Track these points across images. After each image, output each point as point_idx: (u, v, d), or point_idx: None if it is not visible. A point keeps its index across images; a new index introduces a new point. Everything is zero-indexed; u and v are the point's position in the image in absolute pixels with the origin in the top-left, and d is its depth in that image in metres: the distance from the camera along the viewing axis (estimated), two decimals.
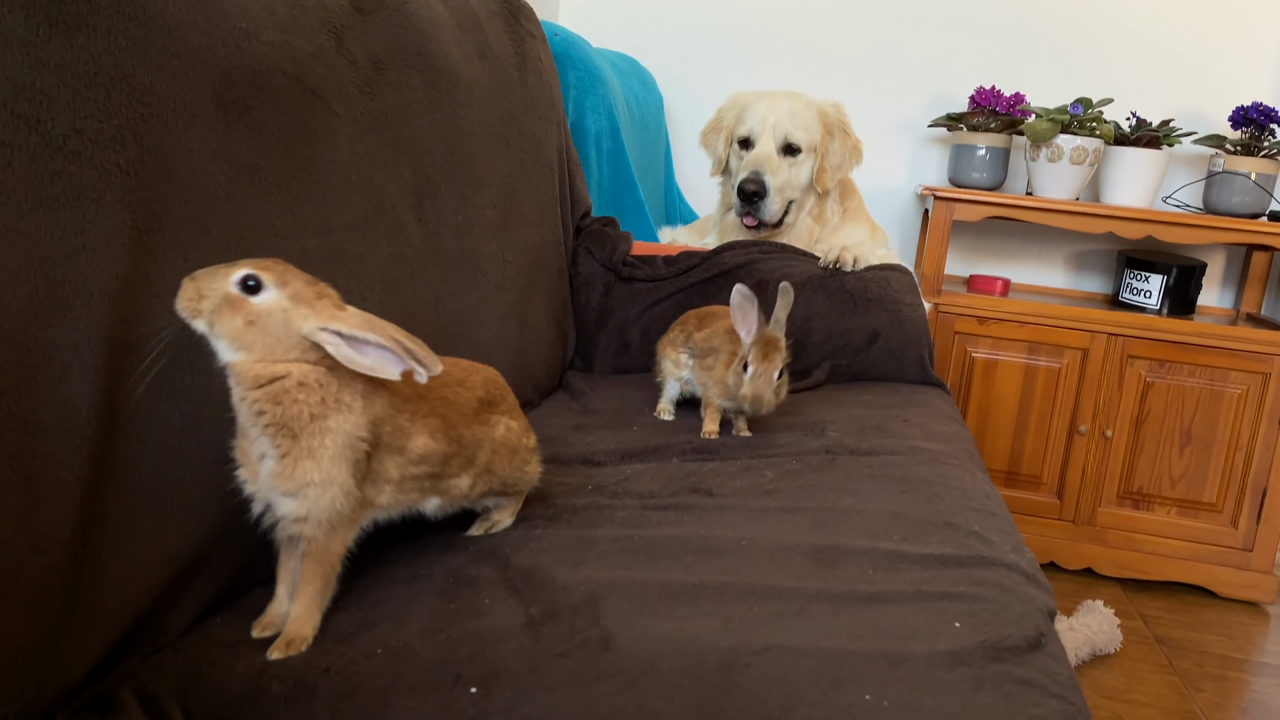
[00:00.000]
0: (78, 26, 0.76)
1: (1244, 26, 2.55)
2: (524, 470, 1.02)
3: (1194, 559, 2.34)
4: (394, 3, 1.28)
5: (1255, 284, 2.57)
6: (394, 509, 0.89)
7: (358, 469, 0.80)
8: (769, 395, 1.24)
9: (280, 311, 0.76)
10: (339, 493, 0.79)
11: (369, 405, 0.81)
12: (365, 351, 0.77)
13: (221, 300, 0.75)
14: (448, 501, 0.94)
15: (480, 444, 0.94)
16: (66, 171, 0.74)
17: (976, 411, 2.40)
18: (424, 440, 0.87)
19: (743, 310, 1.26)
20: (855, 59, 2.76)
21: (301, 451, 0.77)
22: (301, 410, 0.77)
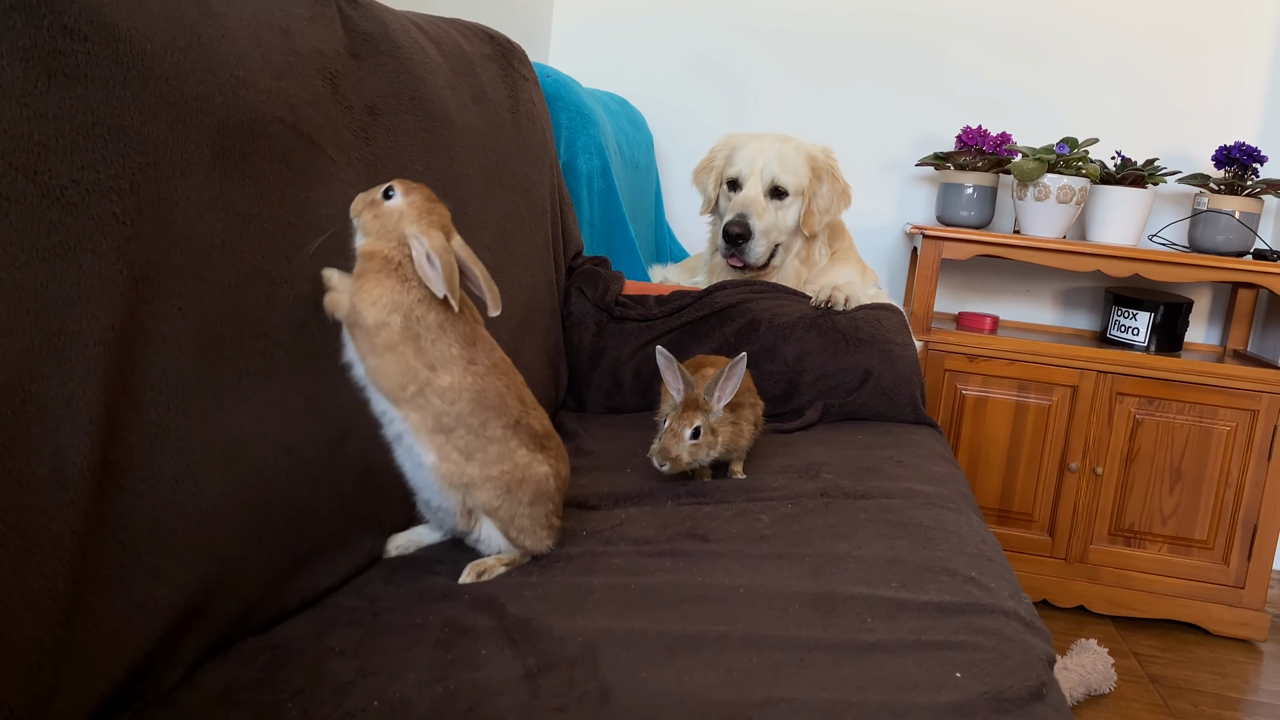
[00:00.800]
0: (76, 77, 0.76)
1: (1225, 67, 2.59)
2: (536, 530, 1.03)
3: (1186, 596, 2.33)
4: (389, 48, 1.29)
5: (1241, 321, 2.59)
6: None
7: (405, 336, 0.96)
8: (675, 451, 1.25)
9: (396, 212, 0.98)
10: (366, 330, 0.96)
11: (424, 300, 0.97)
12: (433, 266, 0.96)
13: (367, 202, 1.00)
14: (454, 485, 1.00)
15: (512, 454, 1.01)
16: (63, 222, 0.74)
17: (967, 449, 2.40)
18: (450, 379, 0.97)
19: (667, 373, 1.29)
20: (843, 98, 2.79)
21: (357, 289, 0.96)
22: (377, 262, 0.97)
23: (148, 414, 0.81)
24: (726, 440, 1.30)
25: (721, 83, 2.84)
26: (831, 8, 2.76)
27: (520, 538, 1.03)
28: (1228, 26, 2.58)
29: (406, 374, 0.96)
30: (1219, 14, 2.57)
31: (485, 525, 1.03)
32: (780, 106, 2.82)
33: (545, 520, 1.05)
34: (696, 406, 1.27)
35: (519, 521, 1.02)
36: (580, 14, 2.89)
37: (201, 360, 0.87)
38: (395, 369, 0.96)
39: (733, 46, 2.82)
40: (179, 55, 0.87)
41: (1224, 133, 2.60)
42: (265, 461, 0.93)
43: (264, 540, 0.92)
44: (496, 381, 1.03)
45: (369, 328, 0.95)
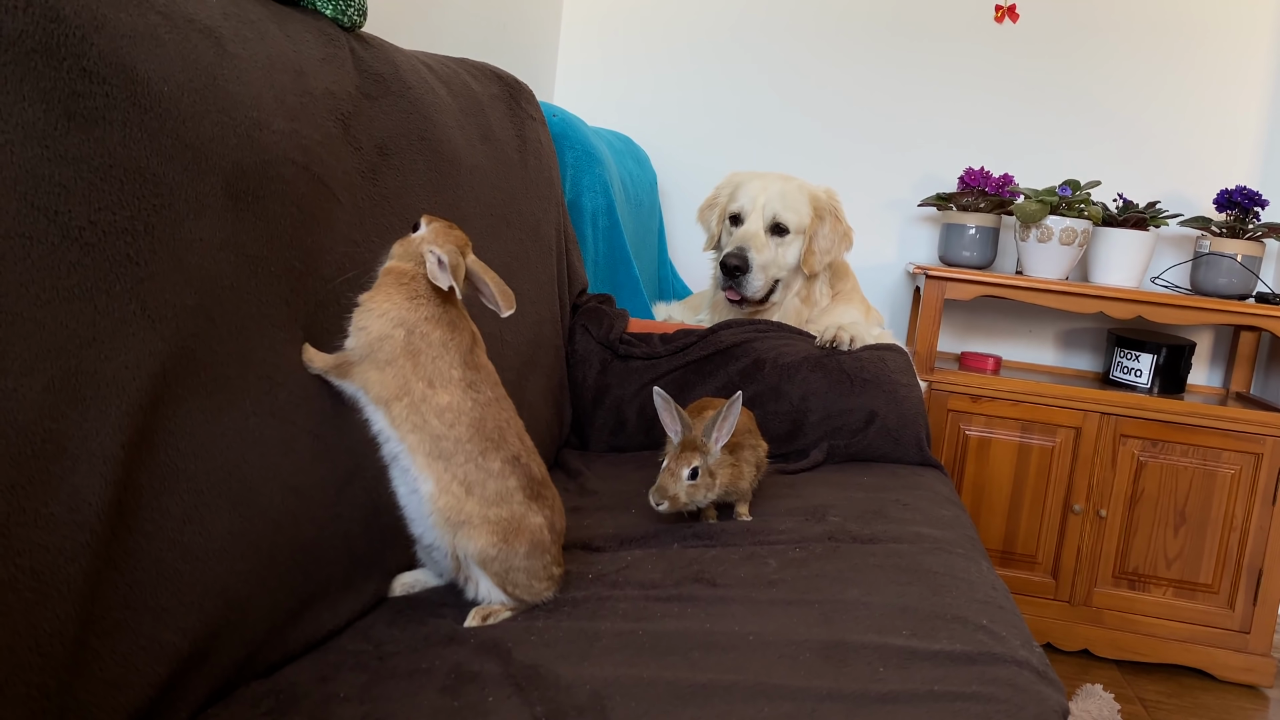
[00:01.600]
0: (95, 120, 0.77)
1: (1225, 110, 2.61)
2: (533, 584, 1.02)
3: (1191, 641, 2.32)
4: (399, 88, 1.30)
5: (1244, 363, 2.59)
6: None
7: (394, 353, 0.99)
8: (673, 490, 1.24)
9: (419, 238, 1.03)
10: (368, 341, 0.99)
11: (430, 320, 1.00)
12: (443, 267, 1.00)
13: (403, 239, 1.05)
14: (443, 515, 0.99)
15: (510, 496, 1.01)
16: (81, 263, 0.74)
17: (971, 489, 2.39)
18: (449, 399, 0.99)
19: (664, 413, 1.29)
20: (846, 138, 2.81)
21: (365, 300, 1.01)
22: (391, 277, 1.01)
23: (159, 454, 0.81)
24: (725, 482, 1.30)
25: (725, 122, 2.86)
26: (834, 50, 2.79)
27: (517, 592, 1.02)
28: (1227, 71, 2.60)
29: (401, 386, 0.98)
30: (1216, 60, 2.60)
31: (483, 584, 1.02)
32: (783, 146, 2.84)
33: (543, 571, 1.04)
34: (694, 447, 1.26)
35: (514, 576, 1.01)
36: (585, 54, 2.92)
37: (210, 401, 0.87)
38: (391, 381, 0.98)
39: (736, 87, 2.85)
40: (195, 97, 0.88)
41: (1224, 176, 2.61)
42: (272, 502, 0.93)
43: (269, 582, 0.91)
44: (499, 413, 1.03)
45: (373, 339, 0.98)
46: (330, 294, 1.08)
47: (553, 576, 1.05)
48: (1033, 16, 2.68)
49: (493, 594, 1.02)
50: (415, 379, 0.98)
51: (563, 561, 1.08)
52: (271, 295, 0.98)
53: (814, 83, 2.81)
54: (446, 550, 1.01)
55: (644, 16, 2.88)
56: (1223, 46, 2.60)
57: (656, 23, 2.87)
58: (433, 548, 1.04)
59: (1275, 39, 2.57)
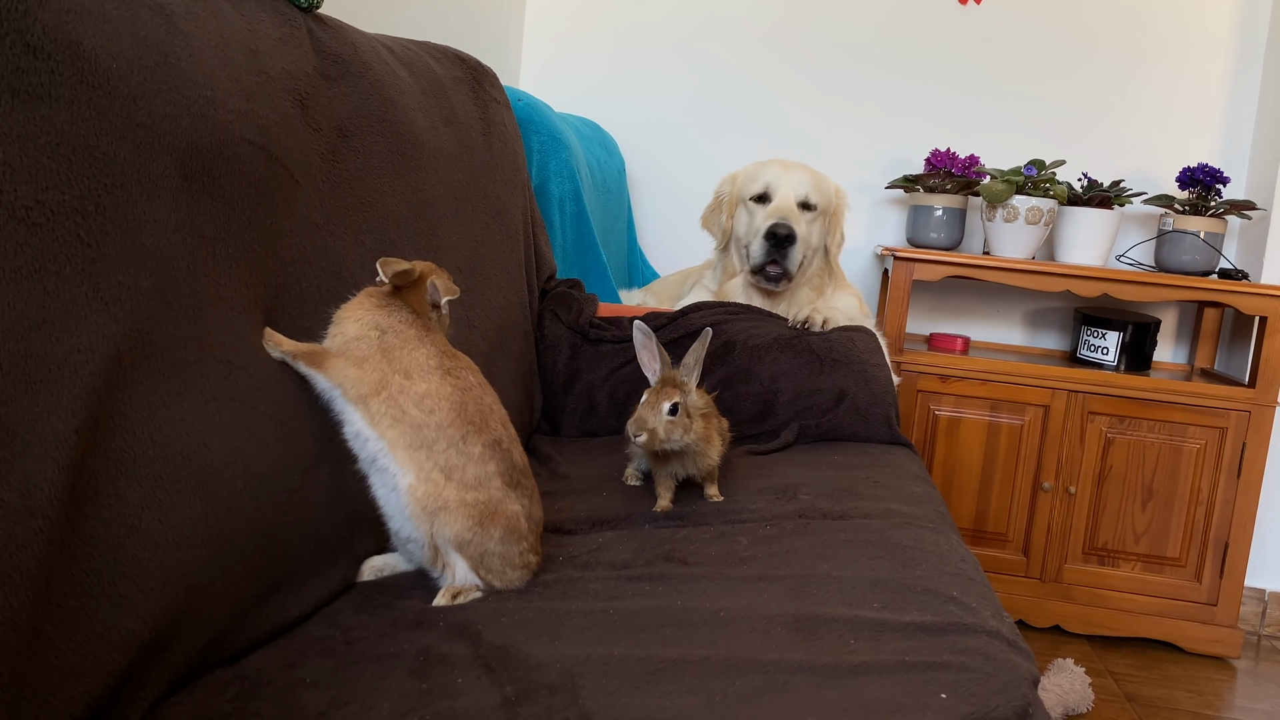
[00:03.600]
0: (40, 96, 0.75)
1: (1186, 89, 2.63)
2: (506, 571, 1.02)
3: (1160, 614, 2.34)
4: (359, 70, 1.28)
5: (1208, 339, 2.62)
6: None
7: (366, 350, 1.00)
8: (652, 422, 1.22)
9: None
10: (344, 341, 1.01)
11: (409, 321, 1.03)
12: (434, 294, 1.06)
13: None
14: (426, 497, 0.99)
15: (488, 481, 1.01)
16: (29, 243, 0.73)
17: (941, 469, 2.40)
18: (427, 386, 1.00)
19: (644, 351, 1.28)
20: (814, 121, 2.81)
21: (345, 310, 1.04)
22: (369, 291, 1.05)
23: (114, 439, 0.79)
24: (699, 433, 1.28)
25: (693, 107, 2.85)
26: (799, 34, 2.78)
27: (490, 577, 1.02)
28: (1186, 50, 2.62)
29: (379, 381, 0.99)
30: (1178, 38, 2.62)
31: (459, 568, 1.01)
32: (750, 130, 2.83)
33: (519, 559, 1.03)
34: (674, 385, 1.26)
35: (488, 560, 1.01)
36: (551, 38, 2.90)
37: (167, 385, 0.86)
38: (369, 376, 0.99)
39: (704, 72, 2.84)
40: (145, 74, 0.86)
41: (1186, 155, 2.64)
42: (234, 488, 0.91)
43: (232, 568, 0.90)
44: (482, 397, 1.04)
45: (349, 339, 1.00)
46: (290, 276, 1.07)
47: (528, 565, 1.05)
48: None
49: (469, 578, 1.01)
50: (392, 372, 0.99)
51: (539, 550, 1.07)
52: (230, 278, 0.96)
53: (781, 66, 2.80)
54: (423, 541, 1.01)
55: (610, 3, 2.86)
56: (1183, 26, 2.61)
57: (623, 8, 2.86)
58: (410, 540, 1.04)
59: (1234, 18, 2.59)
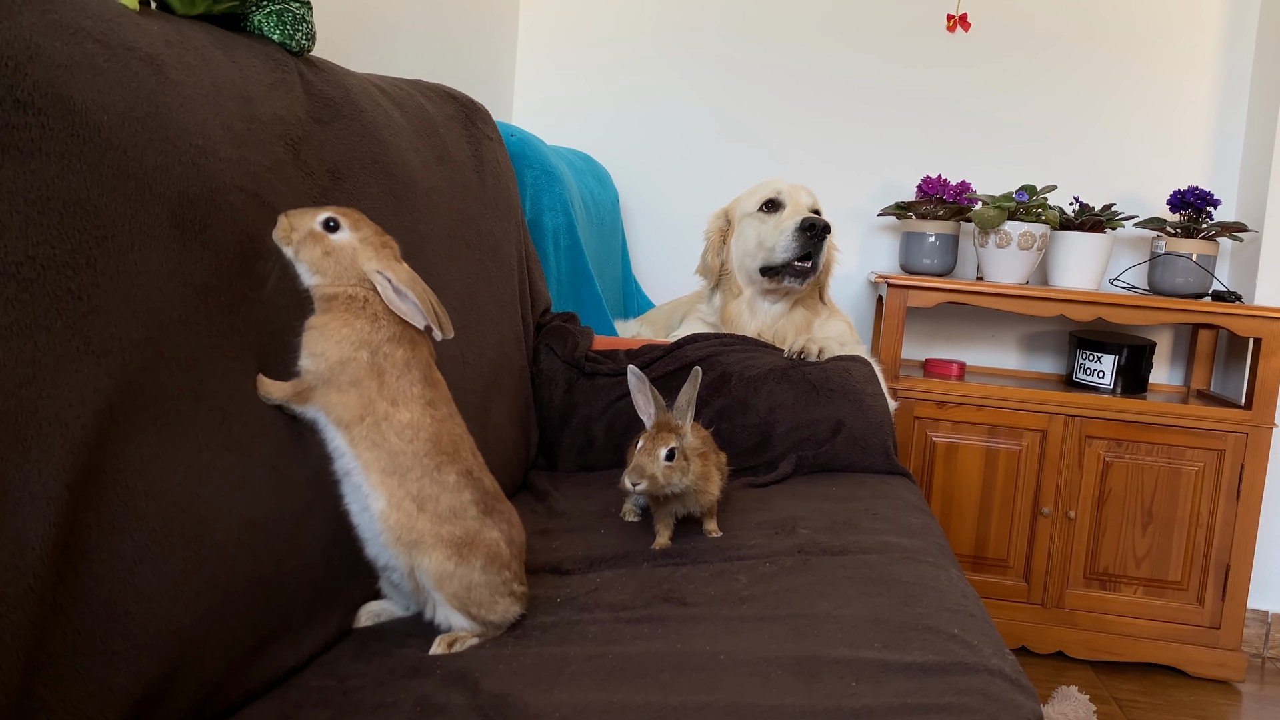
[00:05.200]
0: (30, 152, 0.75)
1: (1175, 112, 2.65)
2: (496, 601, 1.00)
3: (1163, 639, 2.33)
4: (351, 112, 1.29)
5: (1203, 361, 2.62)
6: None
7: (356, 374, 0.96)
8: (651, 469, 1.22)
9: (350, 249, 0.97)
10: (329, 366, 0.96)
11: (392, 339, 0.98)
12: (405, 299, 0.98)
13: (307, 234, 0.97)
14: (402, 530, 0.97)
15: (464, 511, 0.99)
16: (19, 299, 0.72)
17: (940, 496, 2.40)
18: (410, 415, 0.97)
19: (638, 395, 1.28)
20: (805, 150, 2.82)
21: (320, 325, 0.96)
22: (343, 301, 0.97)
23: (108, 493, 0.78)
24: (698, 473, 1.28)
25: (686, 138, 2.87)
26: (789, 62, 2.80)
27: (481, 612, 1.00)
28: (1175, 73, 2.64)
29: (366, 407, 0.96)
30: (1166, 61, 2.64)
31: (441, 608, 1.00)
32: (743, 159, 2.84)
33: (504, 587, 1.01)
34: (670, 429, 1.25)
35: (475, 594, 0.99)
36: (543, 73, 2.91)
37: (160, 436, 0.85)
38: (355, 402, 0.96)
39: (696, 103, 2.85)
40: (136, 126, 0.86)
41: (1176, 177, 2.65)
42: (229, 537, 0.90)
43: (227, 620, 0.89)
44: (454, 428, 1.02)
45: (334, 364, 0.96)
46: (285, 322, 1.06)
47: (514, 593, 1.03)
48: (984, 25, 2.70)
49: (453, 618, 1.00)
50: (380, 399, 0.96)
51: (525, 579, 1.06)
52: (222, 325, 0.95)
53: (771, 95, 2.81)
54: (403, 570, 1.00)
55: (601, 35, 2.88)
56: (1171, 50, 2.64)
57: (614, 41, 2.87)
58: (389, 569, 1.02)
59: (1221, 41, 2.61)
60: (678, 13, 2.84)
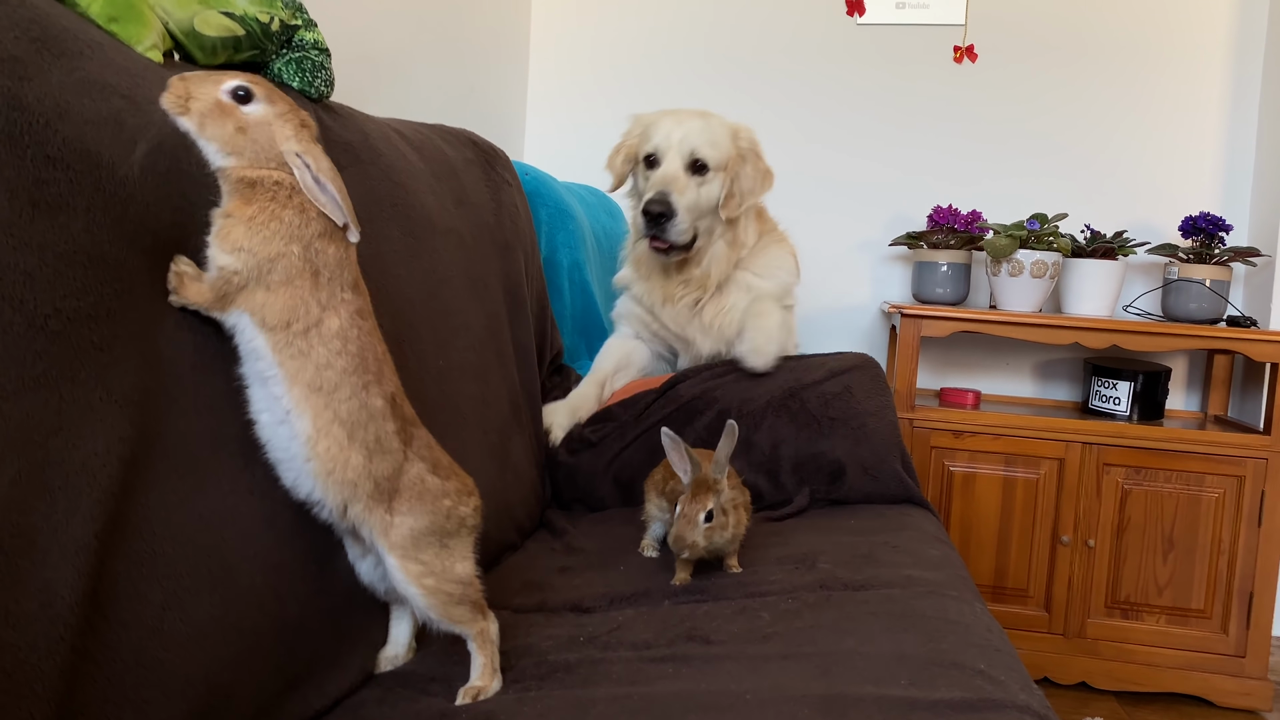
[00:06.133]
0: (59, 206, 0.76)
1: (1185, 137, 2.66)
2: (446, 548, 0.93)
3: (1188, 668, 2.30)
4: (369, 156, 1.30)
5: (1219, 386, 2.61)
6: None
7: (287, 274, 0.85)
8: (691, 537, 1.22)
9: (266, 125, 0.84)
10: (257, 263, 0.83)
11: (323, 235, 0.87)
12: (324, 190, 0.86)
13: (213, 105, 0.83)
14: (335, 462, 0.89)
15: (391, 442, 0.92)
16: (48, 351, 0.73)
17: (959, 525, 2.38)
18: (339, 322, 0.88)
19: (673, 454, 1.26)
20: (814, 182, 2.83)
21: (243, 217, 0.84)
22: (267, 189, 0.84)
23: (135, 540, 0.79)
24: (734, 523, 1.28)
25: None
26: (798, 96, 2.82)
27: (440, 565, 0.93)
28: (1184, 99, 2.65)
29: (298, 308, 0.85)
30: (1174, 88, 2.65)
31: (395, 574, 0.92)
32: None
33: (452, 521, 0.93)
34: (707, 488, 1.24)
35: (423, 544, 0.91)
36: (554, 111, 2.94)
37: (184, 482, 0.86)
38: (286, 303, 0.85)
39: None
40: (158, 180, 0.87)
41: (1187, 203, 2.65)
42: (254, 581, 0.91)
43: (254, 665, 0.89)
44: (378, 346, 0.92)
45: (262, 260, 0.84)
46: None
47: (463, 520, 0.95)
48: (991, 56, 2.72)
49: (409, 590, 0.93)
50: (312, 300, 0.86)
51: (465, 493, 0.97)
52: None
53: (779, 128, 2.83)
54: (333, 509, 0.92)
55: (610, 71, 2.91)
56: (1179, 75, 2.65)
57: (622, 76, 2.90)
58: (316, 504, 0.93)
59: (1228, 67, 2.62)
60: (685, 48, 2.87)
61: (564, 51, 2.93)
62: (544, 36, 2.94)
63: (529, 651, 1.06)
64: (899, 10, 2.76)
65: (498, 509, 1.46)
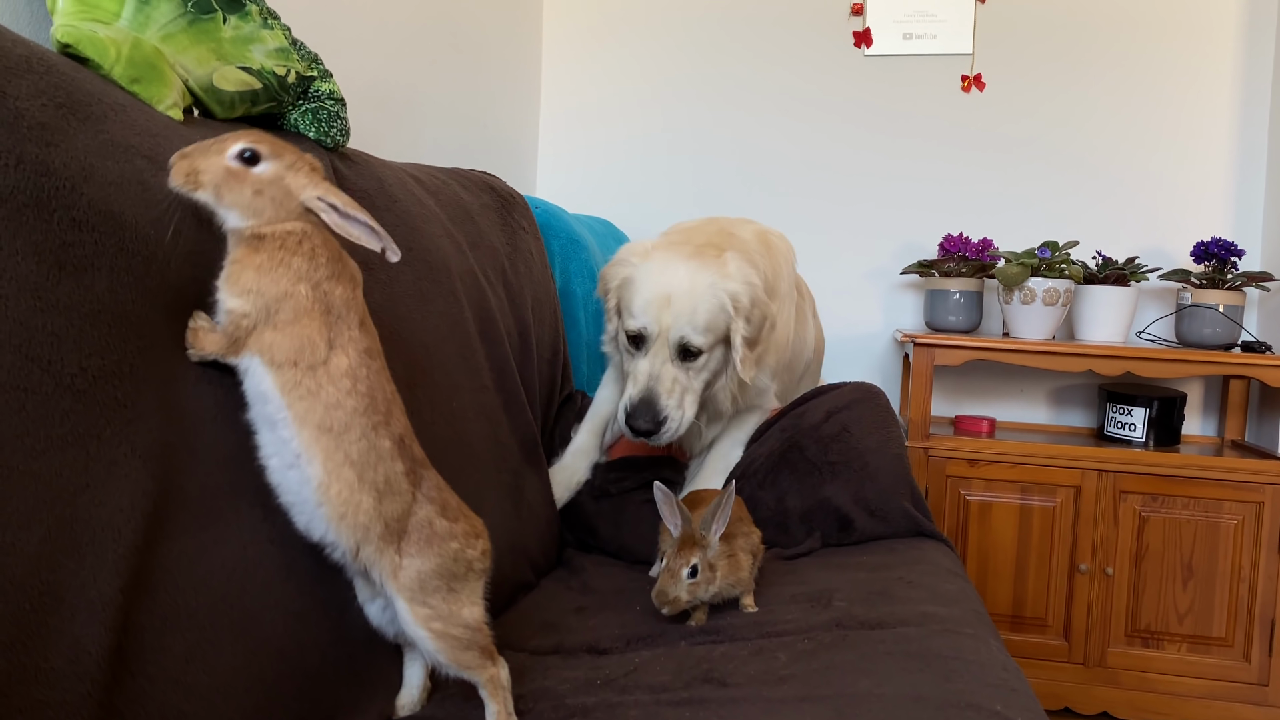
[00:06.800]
0: (84, 267, 0.78)
1: (1195, 162, 2.66)
2: (452, 591, 0.94)
3: (1211, 697, 2.28)
4: (385, 202, 1.32)
5: (1236, 412, 2.60)
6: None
7: (296, 314, 0.86)
8: (674, 592, 1.24)
9: (280, 180, 0.86)
10: (265, 303, 0.84)
11: (331, 277, 0.88)
12: (353, 222, 0.88)
13: (223, 173, 0.84)
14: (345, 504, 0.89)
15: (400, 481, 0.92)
16: (74, 410, 0.75)
17: (975, 555, 2.38)
18: (348, 361, 0.88)
19: (664, 508, 1.28)
20: (824, 212, 2.85)
21: (252, 264, 0.85)
22: (277, 238, 0.85)
23: (158, 593, 0.80)
24: (724, 574, 1.29)
25: (703, 202, 2.91)
26: (808, 128, 2.84)
27: (446, 608, 0.92)
28: (1193, 124, 2.65)
29: (305, 346, 0.85)
30: (1183, 113, 2.66)
31: (404, 617, 0.92)
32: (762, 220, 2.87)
33: (459, 562, 0.93)
34: (694, 543, 1.26)
35: (428, 585, 0.91)
36: (564, 146, 2.97)
37: (206, 535, 0.87)
38: (293, 341, 0.85)
39: (712, 168, 2.90)
40: (178, 238, 0.89)
41: (1199, 228, 2.65)
42: (275, 631, 0.92)
43: (275, 714, 0.90)
44: (387, 385, 0.92)
45: (270, 300, 0.84)
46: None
47: (469, 562, 0.95)
48: (999, 85, 2.74)
49: (416, 632, 0.93)
50: (319, 339, 0.86)
51: (474, 536, 0.97)
52: None
53: (789, 160, 2.86)
54: (346, 550, 0.92)
55: (619, 108, 2.94)
56: (1188, 103, 2.66)
57: (629, 113, 2.93)
58: (330, 546, 0.93)
59: (1237, 92, 2.63)
60: (694, 82, 2.90)
61: (574, 86, 2.96)
62: (555, 72, 2.98)
63: (546, 695, 1.06)
64: (906, 41, 2.78)
65: (512, 547, 1.47)
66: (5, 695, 0.65)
